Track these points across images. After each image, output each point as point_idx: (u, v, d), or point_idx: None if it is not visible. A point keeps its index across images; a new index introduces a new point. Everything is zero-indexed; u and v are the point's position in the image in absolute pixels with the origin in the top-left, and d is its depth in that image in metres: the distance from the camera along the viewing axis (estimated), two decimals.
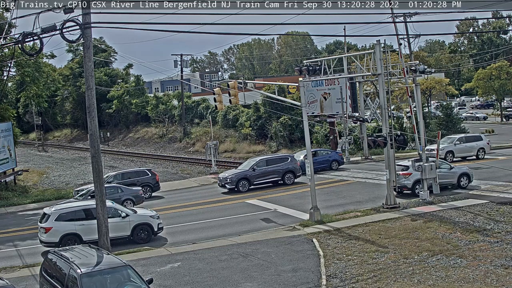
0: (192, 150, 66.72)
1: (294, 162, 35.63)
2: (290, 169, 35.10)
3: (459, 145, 40.38)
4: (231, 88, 28.17)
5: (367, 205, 26.88)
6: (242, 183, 34.14)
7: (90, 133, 19.63)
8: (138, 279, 13.86)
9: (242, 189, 33.97)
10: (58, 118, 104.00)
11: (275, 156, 38.23)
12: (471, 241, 19.40)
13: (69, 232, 22.15)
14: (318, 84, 46.26)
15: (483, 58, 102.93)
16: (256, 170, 34.59)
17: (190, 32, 22.97)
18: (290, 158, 35.93)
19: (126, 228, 23.02)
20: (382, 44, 29.53)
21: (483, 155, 40.85)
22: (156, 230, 23.62)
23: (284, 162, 35.40)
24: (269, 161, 35.49)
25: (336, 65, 33.37)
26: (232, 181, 34.09)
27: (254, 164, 34.97)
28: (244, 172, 34.65)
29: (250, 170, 34.61)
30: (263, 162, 35.28)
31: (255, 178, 34.57)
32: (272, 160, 35.67)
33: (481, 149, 40.91)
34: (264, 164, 35.09)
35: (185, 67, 71.78)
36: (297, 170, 35.30)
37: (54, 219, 22.34)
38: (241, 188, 33.99)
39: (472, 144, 41.00)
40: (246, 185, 34.20)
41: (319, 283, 16.28)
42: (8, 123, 42.02)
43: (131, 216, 23.33)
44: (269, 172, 34.90)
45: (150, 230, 23.48)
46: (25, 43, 19.09)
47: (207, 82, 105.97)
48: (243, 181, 34.19)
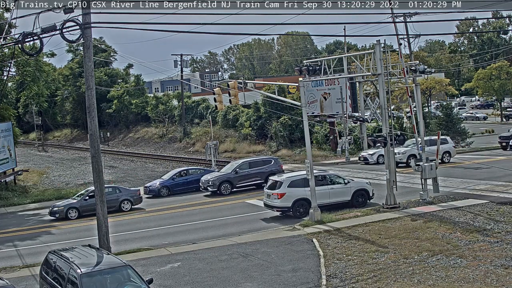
0: (192, 150, 66.71)
1: (277, 164, 35.28)
2: (273, 172, 34.26)
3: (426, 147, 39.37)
4: (231, 88, 28.16)
5: (367, 205, 26.87)
6: (224, 186, 33.78)
7: (90, 133, 19.64)
8: (138, 279, 13.86)
9: (225, 191, 33.63)
10: (58, 118, 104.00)
11: (258, 158, 37.91)
12: (471, 241, 19.40)
13: (300, 197, 25.28)
14: (318, 84, 46.26)
15: (483, 58, 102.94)
16: (238, 172, 34.19)
17: (190, 32, 22.98)
18: (273, 161, 35.63)
19: (348, 193, 26.39)
20: (382, 44, 29.52)
21: (449, 159, 39.36)
22: (370, 195, 26.81)
23: (267, 164, 35.04)
24: (252, 164, 35.06)
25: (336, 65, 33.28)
26: (214, 184, 33.83)
27: (236, 167, 34.53)
28: (226, 175, 34.26)
29: (232, 172, 34.23)
30: (246, 165, 34.86)
31: (238, 181, 34.15)
32: (255, 163, 35.27)
33: (447, 152, 39.20)
34: (247, 167, 34.71)
35: (185, 67, 71.83)
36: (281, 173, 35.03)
37: (287, 185, 25.20)
38: (223, 191, 33.65)
39: None
40: (228, 187, 33.83)
41: (319, 283, 16.28)
42: (8, 123, 42.02)
43: (351, 183, 26.84)
44: (252, 174, 34.51)
45: (366, 195, 26.79)
46: (25, 43, 19.09)
47: (207, 82, 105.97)
48: (225, 184, 33.83)
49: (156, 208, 31.56)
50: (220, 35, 23.97)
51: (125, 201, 31.29)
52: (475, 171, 34.87)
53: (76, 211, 30.06)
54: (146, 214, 30.10)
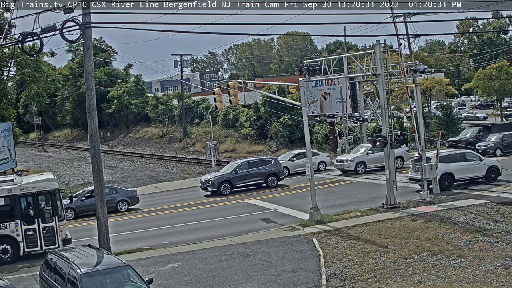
0: (192, 150, 66.72)
1: (277, 164, 35.19)
2: (273, 172, 34.49)
3: (372, 154, 36.31)
4: (231, 88, 28.16)
5: (367, 205, 26.87)
6: (224, 186, 33.68)
7: (90, 133, 19.65)
8: (138, 279, 13.86)
9: (224, 191, 33.56)
10: (58, 118, 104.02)
11: (258, 158, 37.82)
12: (471, 241, 19.39)
13: (446, 171, 28.20)
14: (318, 84, 46.26)
15: (483, 58, 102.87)
16: (238, 172, 34.09)
17: (190, 32, 23.02)
18: (273, 161, 35.52)
19: (483, 169, 28.97)
20: (382, 44, 29.51)
21: (401, 165, 36.73)
22: (500, 172, 29.27)
23: (267, 164, 34.94)
24: (252, 164, 34.94)
25: (336, 65, 33.38)
26: (214, 184, 33.77)
27: (236, 167, 34.43)
28: (226, 175, 34.19)
29: (232, 172, 34.15)
30: (245, 165, 34.74)
31: (238, 181, 34.08)
32: (255, 163, 35.16)
33: (399, 157, 36.21)
34: (247, 167, 34.60)
35: (185, 67, 71.87)
36: (281, 173, 34.90)
37: None
38: (223, 191, 33.58)
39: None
40: (228, 188, 33.73)
41: (319, 283, 16.28)
42: (8, 123, 42.05)
43: (485, 160, 29.62)
44: (251, 174, 34.40)
45: (497, 171, 29.19)
46: (25, 43, 19.12)
47: (207, 82, 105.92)
48: (225, 184, 33.73)
49: (156, 208, 31.55)
50: (220, 35, 24.02)
51: (121, 201, 31.30)
52: None
53: (72, 211, 29.97)
54: (146, 214, 30.07)
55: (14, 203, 21.38)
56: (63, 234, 21.82)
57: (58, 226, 21.63)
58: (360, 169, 36.46)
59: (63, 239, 21.70)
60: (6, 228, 21.19)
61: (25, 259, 21.25)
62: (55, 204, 21.68)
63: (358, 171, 36.36)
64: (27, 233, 21.40)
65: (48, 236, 21.62)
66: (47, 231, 21.62)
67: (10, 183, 21.88)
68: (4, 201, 21.36)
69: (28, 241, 21.40)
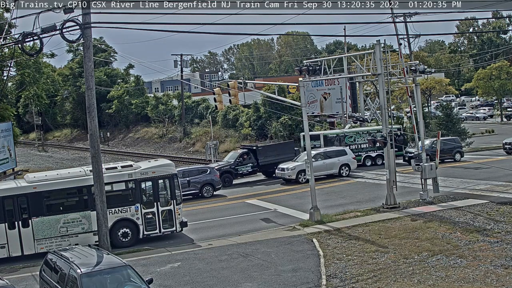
0: (192, 150, 66.69)
1: (213, 174, 34.31)
2: (208, 182, 33.65)
3: (316, 162, 33.12)
4: (231, 88, 28.16)
5: (367, 205, 26.88)
6: None
7: (90, 133, 19.65)
8: (138, 279, 13.86)
9: None
10: (58, 118, 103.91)
11: (193, 168, 36.34)
12: (471, 241, 19.40)
13: None
14: (318, 84, 46.30)
15: (483, 58, 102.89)
16: None
17: (190, 32, 23.04)
18: (209, 170, 34.55)
19: None
20: (382, 44, 29.52)
21: (348, 173, 36.18)
22: None
23: (203, 174, 34.05)
24: (185, 174, 33.48)
25: (336, 65, 33.25)
26: None
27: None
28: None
29: None
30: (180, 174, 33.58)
31: None
32: (190, 172, 34.07)
33: (345, 165, 35.95)
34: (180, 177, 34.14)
35: (185, 67, 71.77)
36: (216, 183, 34.01)
37: None
38: None
39: (334, 160, 35.93)
40: None
41: (319, 283, 16.28)
42: (8, 123, 42.00)
43: None
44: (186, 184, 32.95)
45: None
46: (25, 43, 19.12)
47: (207, 82, 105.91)
48: None
49: None
50: (220, 35, 23.99)
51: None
52: (475, 171, 34.87)
53: None
54: None
55: (134, 187, 22.25)
56: (180, 217, 22.88)
57: (176, 210, 22.67)
58: (301, 178, 34.63)
59: (180, 222, 22.82)
60: (127, 211, 22.08)
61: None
62: (173, 188, 22.76)
63: (300, 180, 34.68)
64: (146, 216, 22.32)
65: (166, 220, 22.66)
66: (165, 214, 22.61)
67: (130, 168, 22.66)
68: (125, 185, 22.34)
69: (147, 224, 22.33)
